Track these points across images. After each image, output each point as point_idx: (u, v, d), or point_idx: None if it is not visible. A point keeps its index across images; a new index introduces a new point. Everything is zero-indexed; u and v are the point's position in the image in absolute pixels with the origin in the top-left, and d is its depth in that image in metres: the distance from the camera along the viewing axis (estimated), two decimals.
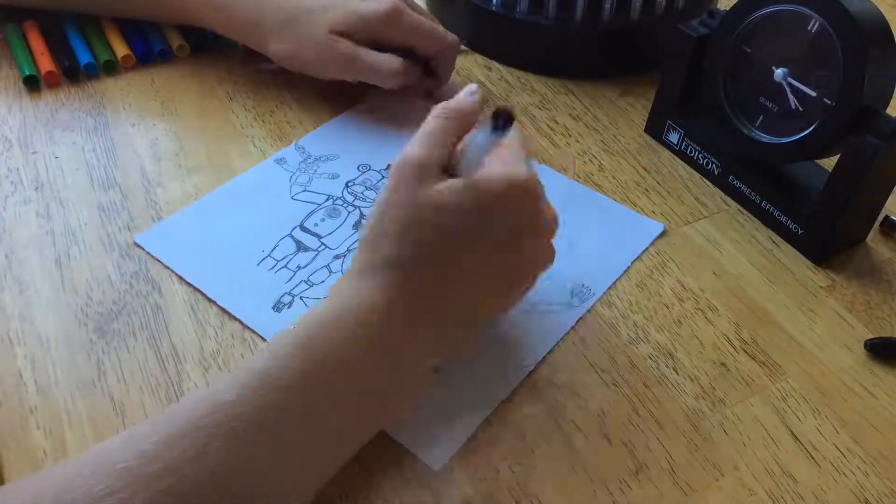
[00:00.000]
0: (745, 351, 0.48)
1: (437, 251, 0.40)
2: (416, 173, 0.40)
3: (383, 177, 0.58)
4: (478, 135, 0.41)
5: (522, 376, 0.46)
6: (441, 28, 0.61)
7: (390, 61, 0.59)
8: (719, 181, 0.59)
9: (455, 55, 0.63)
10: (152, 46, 0.66)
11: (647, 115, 0.64)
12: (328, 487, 0.40)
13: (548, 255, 0.45)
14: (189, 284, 0.49)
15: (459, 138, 0.43)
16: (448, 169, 0.41)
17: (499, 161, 0.41)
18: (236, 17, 0.61)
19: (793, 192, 0.56)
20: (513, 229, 0.42)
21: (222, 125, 0.61)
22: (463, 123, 0.43)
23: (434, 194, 0.40)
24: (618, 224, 0.55)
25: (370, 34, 0.59)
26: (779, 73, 0.53)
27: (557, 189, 0.58)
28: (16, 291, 0.49)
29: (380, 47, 0.60)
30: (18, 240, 0.51)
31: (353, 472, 0.41)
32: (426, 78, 0.62)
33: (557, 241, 0.53)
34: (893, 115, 0.50)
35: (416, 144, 0.41)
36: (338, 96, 0.63)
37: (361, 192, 0.57)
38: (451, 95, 0.44)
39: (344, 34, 0.59)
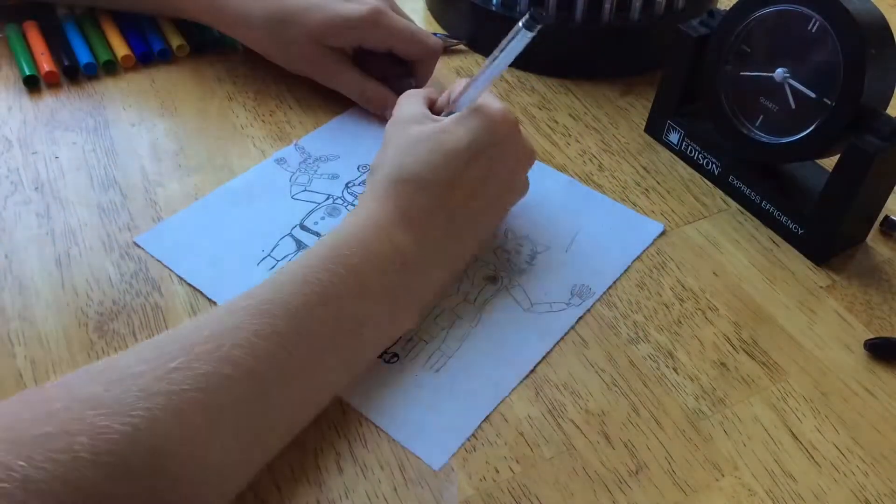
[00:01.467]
0: (745, 351, 0.48)
1: (441, 166, 0.46)
2: (410, 120, 0.48)
3: None
4: (477, 78, 0.48)
5: (522, 376, 0.46)
6: (423, 32, 0.61)
7: (374, 91, 0.61)
8: (719, 181, 0.59)
9: (436, 60, 0.63)
10: (152, 46, 0.66)
11: (647, 115, 0.64)
12: (329, 487, 0.40)
13: (526, 187, 0.53)
14: (189, 284, 0.49)
15: (433, 100, 0.52)
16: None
17: (489, 98, 0.49)
18: (226, 11, 0.61)
19: (793, 192, 0.56)
20: (506, 152, 0.48)
21: (222, 125, 0.61)
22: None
23: (436, 124, 0.47)
24: (618, 224, 0.55)
25: (352, 36, 0.60)
26: (779, 73, 0.53)
27: (557, 189, 0.58)
28: (16, 291, 0.49)
29: (363, 50, 0.61)
30: (18, 240, 0.51)
31: (354, 471, 0.41)
32: (406, 78, 0.63)
33: (557, 241, 0.54)
34: (893, 115, 0.50)
35: (397, 109, 0.50)
36: (338, 96, 0.63)
37: (361, 193, 0.57)
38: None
39: (327, 35, 0.59)
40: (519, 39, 0.45)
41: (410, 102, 0.51)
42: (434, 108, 0.52)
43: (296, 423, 0.41)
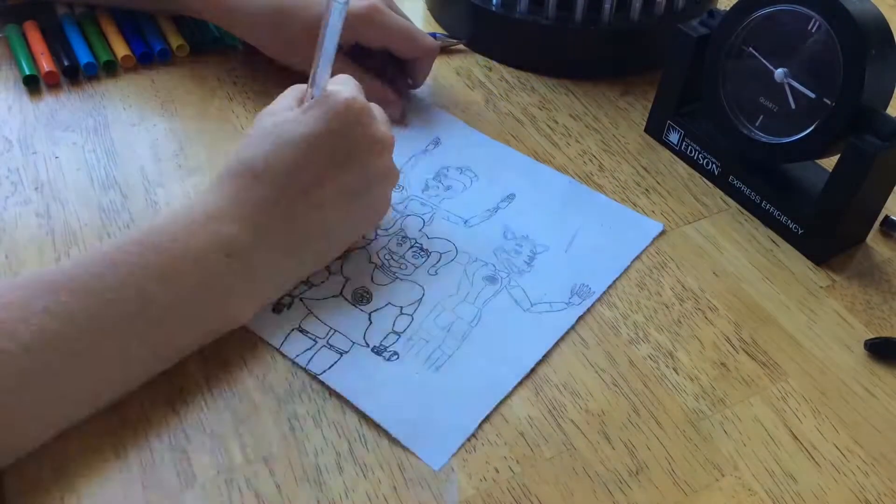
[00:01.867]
0: (745, 351, 0.48)
1: (278, 156, 0.45)
2: (270, 112, 0.48)
3: None
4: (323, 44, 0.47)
5: (522, 376, 0.46)
6: (420, 32, 0.61)
7: (371, 88, 0.58)
8: (719, 181, 0.59)
9: (432, 60, 0.63)
10: (152, 47, 0.66)
11: (647, 115, 0.64)
12: (329, 487, 0.40)
13: (393, 175, 0.51)
14: None
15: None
16: None
17: (336, 84, 0.48)
18: (225, 6, 0.61)
19: (793, 192, 0.56)
20: (353, 140, 0.47)
21: (222, 125, 0.61)
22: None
23: (285, 115, 0.47)
24: (617, 224, 0.55)
25: (348, 33, 0.58)
26: (779, 73, 0.53)
27: (557, 189, 0.58)
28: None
29: (360, 47, 0.61)
30: (18, 240, 0.51)
31: (354, 471, 0.41)
32: (403, 77, 0.62)
33: (557, 241, 0.54)
34: (893, 115, 0.50)
35: (276, 100, 0.49)
36: None
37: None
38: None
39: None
40: (336, 14, 0.45)
41: (284, 95, 0.50)
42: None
43: (91, 400, 0.41)
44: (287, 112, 0.47)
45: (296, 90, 0.50)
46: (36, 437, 0.40)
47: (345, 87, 0.48)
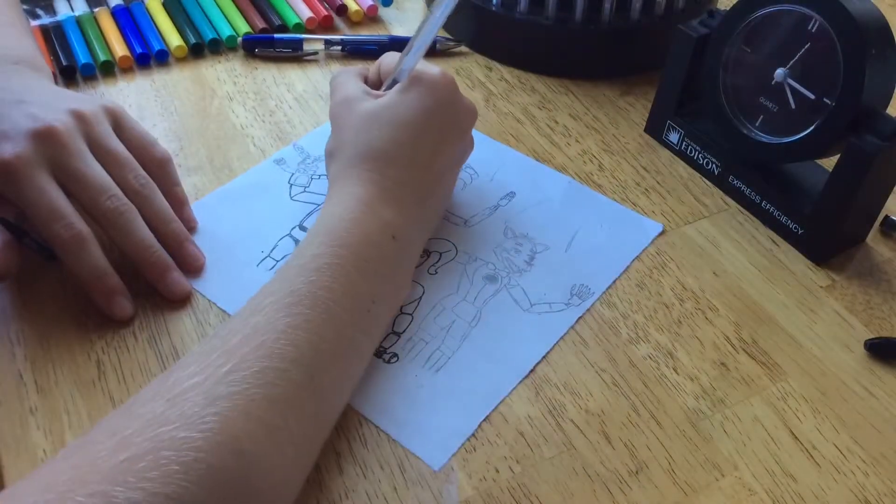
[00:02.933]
0: (745, 351, 0.48)
1: (401, 137, 0.47)
2: (356, 99, 0.50)
3: None
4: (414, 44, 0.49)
5: (522, 376, 0.46)
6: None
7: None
8: (719, 181, 0.59)
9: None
10: (150, 47, 0.66)
11: (647, 115, 0.64)
12: (329, 487, 0.40)
13: (471, 143, 0.54)
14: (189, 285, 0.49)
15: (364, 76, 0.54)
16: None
17: (424, 65, 0.50)
18: None
19: (793, 192, 0.56)
20: (453, 112, 0.50)
21: (222, 125, 0.61)
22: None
23: (382, 99, 0.49)
24: (617, 224, 0.55)
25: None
26: (779, 73, 0.53)
27: (557, 189, 0.58)
28: (16, 291, 0.48)
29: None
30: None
31: (354, 471, 0.41)
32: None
33: (557, 241, 0.54)
34: (893, 115, 0.50)
35: (337, 90, 0.51)
36: None
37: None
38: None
39: None
40: (444, 7, 0.48)
41: (348, 82, 0.52)
42: (368, 83, 0.54)
43: (341, 402, 0.42)
44: (370, 96, 0.50)
45: (352, 73, 0.53)
46: (309, 465, 0.39)
47: (427, 65, 0.50)
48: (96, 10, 0.70)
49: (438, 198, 0.51)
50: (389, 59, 0.53)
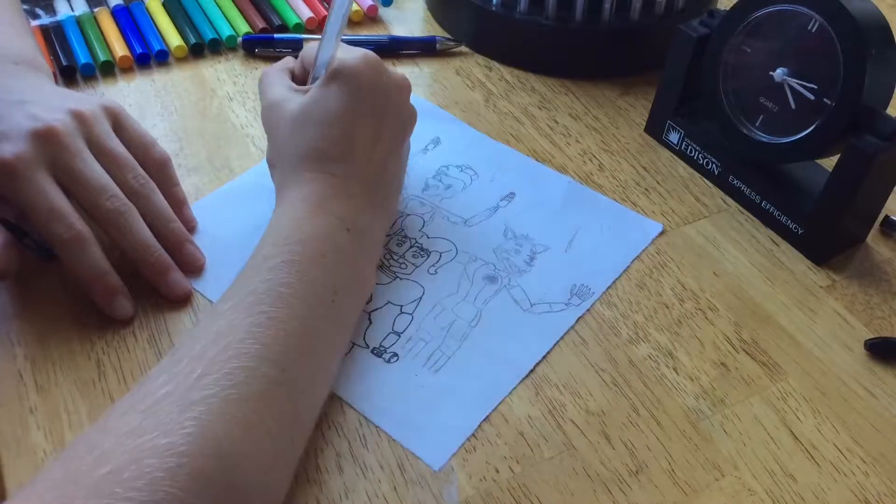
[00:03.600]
0: (745, 351, 0.48)
1: (333, 132, 0.46)
2: (282, 100, 0.48)
3: None
4: (324, 35, 0.48)
5: (522, 376, 0.46)
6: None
7: None
8: (719, 181, 0.59)
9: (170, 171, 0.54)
10: (151, 47, 0.66)
11: (647, 115, 0.64)
12: (329, 487, 0.40)
13: (414, 115, 0.52)
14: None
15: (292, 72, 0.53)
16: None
17: (342, 52, 0.49)
18: None
19: (793, 192, 0.56)
20: (383, 91, 0.48)
21: (222, 125, 0.61)
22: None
23: (306, 96, 0.48)
24: (617, 224, 0.55)
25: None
26: (779, 73, 0.53)
27: (557, 189, 0.58)
28: (16, 291, 0.48)
29: None
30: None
31: (354, 471, 0.41)
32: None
33: (557, 241, 0.54)
34: (893, 115, 0.50)
35: (263, 93, 0.50)
36: None
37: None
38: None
39: None
40: None
41: (272, 83, 0.50)
42: (295, 78, 0.52)
43: (319, 395, 0.42)
44: (297, 96, 0.48)
45: (279, 75, 0.51)
46: (293, 465, 0.39)
47: (349, 51, 0.49)
48: (96, 10, 0.70)
49: (389, 180, 0.50)
50: (311, 50, 0.52)
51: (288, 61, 0.53)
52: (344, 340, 0.45)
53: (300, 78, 0.52)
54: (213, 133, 0.60)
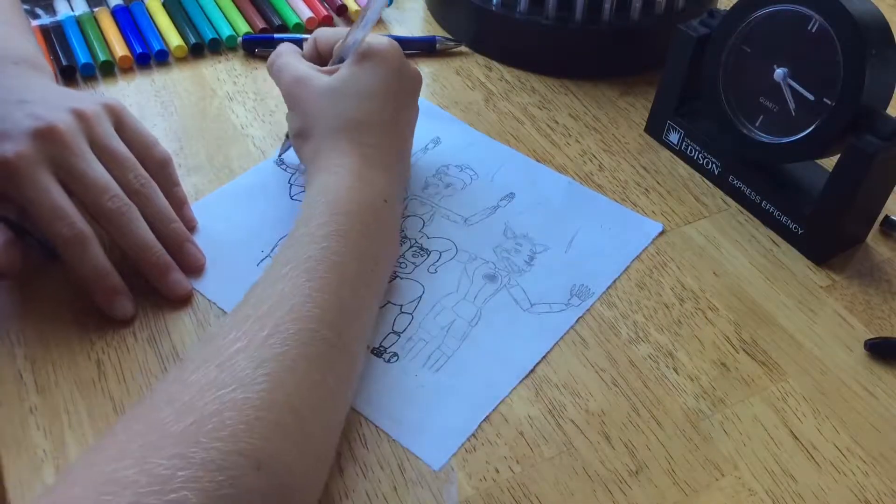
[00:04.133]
0: (745, 351, 0.48)
1: (369, 105, 0.50)
2: (309, 76, 0.51)
3: None
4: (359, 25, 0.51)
5: (522, 376, 0.46)
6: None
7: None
8: (719, 181, 0.59)
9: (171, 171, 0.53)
10: (150, 47, 0.66)
11: (647, 115, 0.64)
12: (329, 487, 0.40)
13: (416, 107, 0.55)
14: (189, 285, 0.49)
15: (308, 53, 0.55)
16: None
17: (373, 38, 0.52)
18: None
19: (793, 192, 0.56)
20: (404, 76, 0.52)
21: (222, 125, 0.61)
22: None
23: (339, 74, 0.50)
24: (617, 224, 0.55)
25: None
26: (779, 73, 0.53)
27: (557, 189, 0.58)
28: (16, 291, 0.48)
29: None
30: None
31: (354, 471, 0.41)
32: None
33: (557, 241, 0.54)
34: (893, 115, 0.50)
35: (285, 71, 0.52)
36: None
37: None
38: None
39: None
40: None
41: (293, 62, 0.53)
42: (307, 59, 0.55)
43: (361, 360, 0.44)
44: (323, 74, 0.51)
45: (298, 56, 0.54)
46: (345, 410, 0.42)
47: (375, 38, 0.52)
48: (96, 9, 0.69)
49: (407, 157, 0.54)
50: (325, 34, 0.55)
51: (293, 46, 0.55)
52: (377, 307, 0.47)
53: (311, 59, 0.55)
54: (213, 133, 0.60)
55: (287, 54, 0.54)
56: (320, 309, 0.40)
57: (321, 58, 0.55)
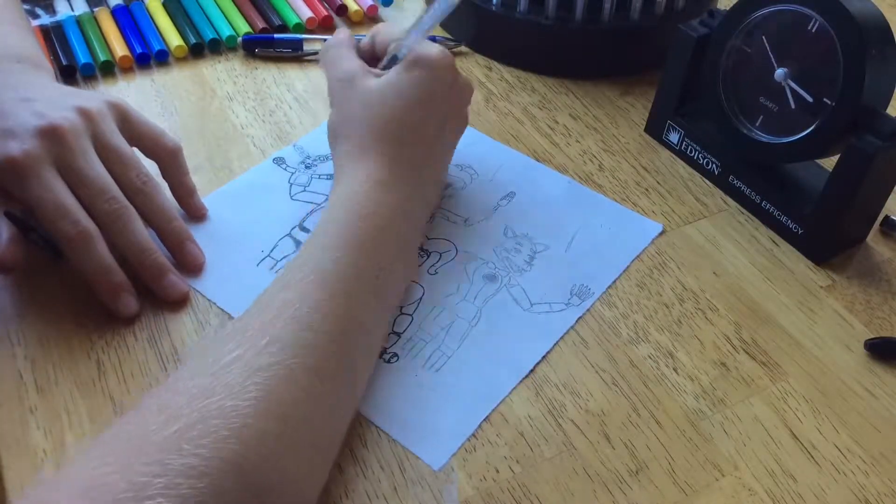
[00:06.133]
0: (745, 351, 0.48)
1: (407, 117, 0.48)
2: (357, 75, 0.50)
3: None
4: (417, 27, 0.50)
5: (522, 376, 0.46)
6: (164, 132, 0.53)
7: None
8: (719, 181, 0.59)
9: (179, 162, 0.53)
10: (150, 47, 0.66)
11: (647, 115, 0.64)
12: (329, 487, 0.40)
13: (466, 119, 0.55)
14: (189, 285, 0.49)
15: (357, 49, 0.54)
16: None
17: (425, 45, 0.50)
18: None
19: (793, 192, 0.56)
20: (454, 92, 0.51)
21: (222, 125, 0.61)
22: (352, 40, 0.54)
23: (384, 79, 0.49)
24: (617, 224, 0.55)
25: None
26: (779, 73, 0.53)
27: (557, 189, 0.58)
28: (17, 291, 0.48)
29: None
30: None
31: (354, 471, 0.41)
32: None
33: (557, 241, 0.54)
34: (893, 115, 0.50)
35: (335, 64, 0.51)
36: None
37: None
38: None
39: None
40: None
41: (345, 56, 0.52)
42: (361, 54, 0.54)
43: (368, 371, 0.44)
44: (370, 76, 0.50)
45: (350, 51, 0.52)
46: (347, 420, 0.41)
47: (428, 46, 0.50)
48: (96, 9, 0.70)
49: (439, 176, 0.53)
50: (384, 30, 0.54)
51: (349, 35, 0.54)
52: (387, 320, 0.47)
53: (365, 54, 0.54)
54: (213, 133, 0.60)
55: (338, 46, 0.53)
56: (325, 319, 0.40)
57: (378, 55, 0.54)
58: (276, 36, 0.68)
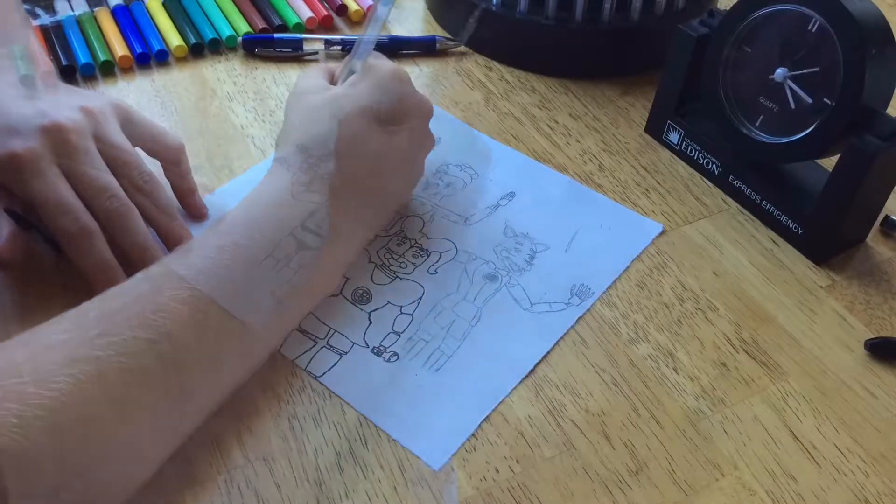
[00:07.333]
0: (745, 351, 0.48)
1: (339, 130, 0.47)
2: (309, 91, 0.49)
3: None
4: (363, 39, 0.50)
5: (522, 376, 0.46)
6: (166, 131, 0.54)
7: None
8: (719, 181, 0.59)
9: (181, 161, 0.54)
10: (150, 47, 0.66)
11: (647, 115, 0.64)
12: (329, 487, 0.40)
13: (430, 140, 0.53)
14: None
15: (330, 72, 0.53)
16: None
17: (378, 59, 0.50)
18: None
19: (793, 192, 0.56)
20: (404, 108, 0.49)
21: (222, 125, 0.61)
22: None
23: (331, 91, 0.49)
24: (617, 224, 0.55)
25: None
26: (779, 73, 0.53)
27: (557, 189, 0.58)
28: (16, 291, 0.48)
29: None
30: None
31: (354, 471, 0.41)
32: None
33: (557, 241, 0.54)
34: (893, 115, 0.50)
35: (298, 81, 0.51)
36: None
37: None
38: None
39: None
40: (384, 6, 0.50)
41: (310, 77, 0.52)
42: (333, 81, 0.53)
43: (216, 389, 0.40)
44: (325, 90, 0.50)
45: (320, 69, 0.53)
46: (170, 447, 0.39)
47: (382, 59, 0.50)
48: (96, 9, 0.69)
49: (387, 194, 0.51)
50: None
51: (329, 66, 0.54)
52: (270, 344, 0.44)
53: (335, 81, 0.53)
54: (213, 133, 0.60)
55: (310, 69, 0.53)
56: (171, 321, 0.37)
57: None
58: (276, 36, 0.68)
